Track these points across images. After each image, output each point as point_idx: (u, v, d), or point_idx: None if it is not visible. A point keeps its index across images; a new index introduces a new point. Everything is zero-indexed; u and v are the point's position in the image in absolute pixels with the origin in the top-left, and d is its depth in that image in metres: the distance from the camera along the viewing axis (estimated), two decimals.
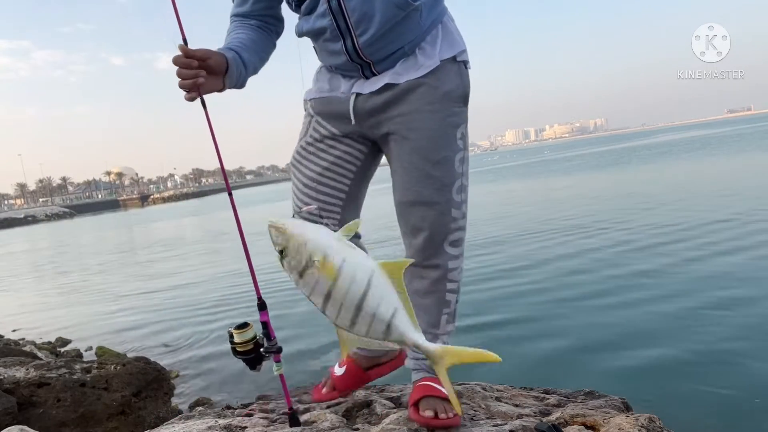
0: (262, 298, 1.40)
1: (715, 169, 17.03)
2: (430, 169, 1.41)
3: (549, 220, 9.92)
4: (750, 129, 51.30)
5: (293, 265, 0.93)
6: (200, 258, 12.25)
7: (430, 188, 1.42)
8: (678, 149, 32.41)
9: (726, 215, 7.95)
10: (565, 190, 16.63)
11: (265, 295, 1.43)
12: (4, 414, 2.81)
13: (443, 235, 1.46)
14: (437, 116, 1.40)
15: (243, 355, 1.35)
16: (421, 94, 1.40)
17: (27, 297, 10.25)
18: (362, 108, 1.45)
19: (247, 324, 1.35)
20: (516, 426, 1.39)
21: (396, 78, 1.40)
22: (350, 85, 1.47)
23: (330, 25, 1.35)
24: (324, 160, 1.53)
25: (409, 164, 1.43)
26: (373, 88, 1.42)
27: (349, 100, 1.45)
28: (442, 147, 1.42)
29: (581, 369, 3.50)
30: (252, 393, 3.69)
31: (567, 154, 54.91)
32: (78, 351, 5.77)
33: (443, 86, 1.41)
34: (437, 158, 1.41)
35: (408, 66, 1.41)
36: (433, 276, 1.49)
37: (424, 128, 1.40)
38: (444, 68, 1.41)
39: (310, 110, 1.58)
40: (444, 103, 1.41)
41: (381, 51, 1.38)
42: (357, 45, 1.36)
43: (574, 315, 4.52)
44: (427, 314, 1.51)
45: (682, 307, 4.34)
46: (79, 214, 76.15)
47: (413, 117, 1.40)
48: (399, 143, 1.44)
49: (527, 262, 6.65)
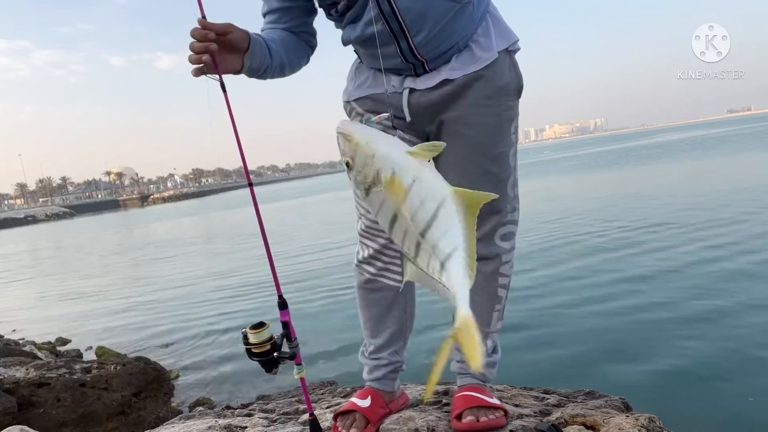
0: (283, 296, 1.33)
1: (715, 169, 17.04)
2: (487, 165, 1.38)
3: (557, 220, 9.92)
4: (751, 129, 51.27)
5: (359, 179, 0.83)
6: (200, 258, 12.25)
7: (487, 184, 1.36)
8: (677, 149, 32.39)
9: (728, 214, 7.96)
10: (564, 189, 16.64)
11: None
12: (4, 414, 2.81)
13: (494, 229, 1.42)
14: (494, 111, 1.36)
15: (259, 357, 1.26)
16: (479, 89, 1.35)
17: (27, 297, 10.25)
18: (417, 104, 1.38)
19: (263, 323, 1.27)
20: (516, 426, 1.39)
21: (453, 73, 1.35)
22: (400, 80, 1.39)
23: (383, 30, 1.29)
24: None
25: (465, 160, 1.38)
26: (428, 84, 1.36)
27: (403, 96, 1.38)
28: (499, 143, 1.38)
29: (581, 369, 3.50)
30: (252, 393, 3.69)
31: (567, 154, 54.92)
32: (78, 351, 5.77)
33: (500, 79, 1.36)
34: (494, 154, 1.37)
35: (464, 60, 1.35)
36: (486, 270, 1.43)
37: (482, 123, 1.36)
38: (499, 60, 1.36)
39: (357, 109, 1.47)
40: (501, 98, 1.37)
41: (436, 49, 1.32)
42: (412, 45, 1.30)
43: (575, 315, 4.52)
44: (477, 312, 1.46)
45: (682, 308, 4.34)
46: (79, 214, 76.14)
47: (471, 112, 1.36)
48: (455, 138, 1.37)
49: (529, 262, 6.66)
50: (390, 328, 1.54)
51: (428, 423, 1.46)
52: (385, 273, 1.50)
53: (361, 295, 1.56)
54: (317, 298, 6.26)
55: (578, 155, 47.69)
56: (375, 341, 1.56)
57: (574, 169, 27.69)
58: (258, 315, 5.93)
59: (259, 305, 6.37)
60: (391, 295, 1.51)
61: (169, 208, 59.71)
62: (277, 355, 1.26)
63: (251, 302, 6.69)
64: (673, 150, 32.36)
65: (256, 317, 1.37)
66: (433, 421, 1.47)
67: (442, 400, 1.67)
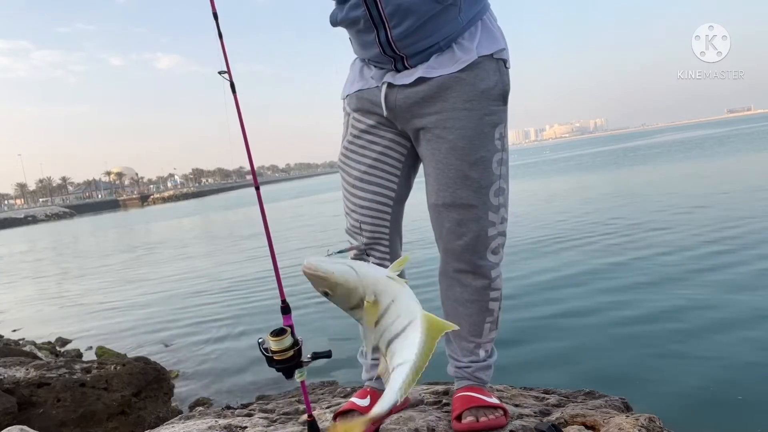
0: (286, 300, 1.30)
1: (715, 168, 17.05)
2: (467, 170, 1.35)
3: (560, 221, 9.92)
4: (751, 129, 51.27)
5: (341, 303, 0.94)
6: (200, 258, 12.25)
7: (466, 190, 1.36)
8: (675, 149, 32.41)
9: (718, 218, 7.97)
10: (561, 189, 16.64)
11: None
12: (4, 414, 2.81)
13: (485, 243, 1.40)
14: (474, 114, 1.34)
15: (281, 364, 1.20)
16: (458, 91, 1.34)
17: (27, 297, 10.25)
18: (395, 100, 1.39)
19: (285, 330, 1.21)
20: (516, 426, 1.39)
21: (429, 71, 1.34)
22: (381, 74, 1.41)
23: (363, 15, 1.30)
24: (367, 156, 1.46)
25: (444, 165, 1.37)
26: (406, 80, 1.36)
27: (381, 90, 1.39)
28: (479, 147, 1.35)
29: (582, 369, 3.50)
30: (252, 393, 3.69)
31: (568, 154, 54.91)
32: (78, 351, 5.78)
33: (481, 83, 1.34)
34: (474, 158, 1.35)
35: (443, 60, 1.35)
36: (477, 285, 1.44)
37: (461, 127, 1.34)
38: (482, 64, 1.35)
39: (347, 108, 1.52)
40: (482, 101, 1.34)
41: (415, 45, 1.32)
42: (390, 37, 1.31)
43: (576, 315, 4.52)
44: (469, 323, 1.45)
45: (683, 308, 4.34)
46: (79, 214, 76.21)
47: (450, 115, 1.35)
48: (434, 142, 1.37)
49: (529, 262, 6.66)
50: None
51: (428, 423, 1.46)
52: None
53: None
54: (317, 296, 6.25)
55: (579, 155, 47.68)
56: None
57: (577, 168, 27.70)
58: (258, 315, 5.94)
59: (260, 305, 6.37)
60: None
61: (169, 208, 59.73)
62: (308, 359, 1.23)
63: (251, 302, 6.69)
64: (674, 149, 32.37)
65: (256, 317, 1.37)
66: (433, 421, 1.47)
67: (442, 400, 1.67)
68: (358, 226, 1.49)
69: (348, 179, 1.49)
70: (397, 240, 1.54)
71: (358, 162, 1.47)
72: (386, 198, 1.48)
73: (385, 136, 1.46)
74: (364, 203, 1.47)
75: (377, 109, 1.42)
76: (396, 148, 1.47)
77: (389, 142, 1.46)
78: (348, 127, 1.51)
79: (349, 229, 1.53)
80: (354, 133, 1.48)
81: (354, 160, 1.48)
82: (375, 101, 1.42)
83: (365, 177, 1.47)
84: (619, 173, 20.84)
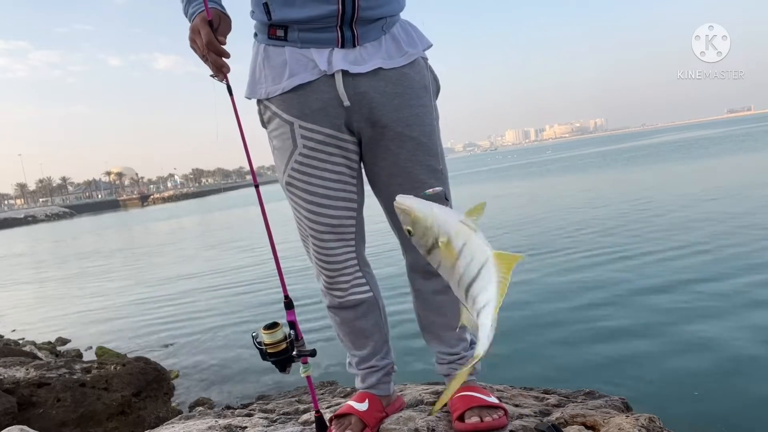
0: (289, 296, 1.30)
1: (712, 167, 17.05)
2: (434, 164, 1.36)
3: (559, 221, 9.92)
4: (750, 129, 51.25)
5: (420, 243, 0.98)
6: (200, 257, 12.25)
7: (437, 181, 1.36)
8: (675, 149, 32.43)
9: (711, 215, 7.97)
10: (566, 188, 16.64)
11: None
12: (4, 414, 2.81)
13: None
14: (428, 111, 1.36)
15: (274, 357, 1.24)
16: (411, 87, 1.33)
17: (27, 297, 10.25)
18: (353, 90, 1.27)
19: (277, 324, 1.26)
20: (516, 426, 1.39)
21: (387, 63, 1.30)
22: (326, 56, 1.26)
23: None
24: (330, 171, 1.33)
25: (412, 161, 1.34)
26: (361, 69, 1.27)
27: (336, 79, 1.26)
28: (437, 142, 1.39)
29: (581, 369, 3.50)
30: (252, 393, 3.69)
31: (569, 154, 54.92)
32: (78, 351, 5.78)
33: (423, 79, 1.36)
34: (436, 152, 1.37)
35: (391, 50, 1.32)
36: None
37: (422, 124, 1.34)
38: (419, 62, 1.36)
39: (281, 115, 1.31)
40: (430, 98, 1.37)
41: (372, 11, 1.26)
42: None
43: (576, 316, 4.52)
44: (451, 309, 1.38)
45: (683, 308, 4.35)
46: (79, 214, 76.20)
47: (410, 113, 1.33)
48: (399, 141, 1.33)
49: (530, 261, 6.66)
50: (372, 336, 1.50)
51: (428, 423, 1.46)
52: (353, 290, 1.45)
53: (334, 314, 1.51)
54: (316, 295, 6.25)
55: (580, 155, 47.68)
56: (360, 352, 1.52)
57: (584, 167, 27.70)
58: (258, 315, 5.93)
59: (260, 305, 6.35)
60: (364, 306, 1.47)
61: (169, 208, 59.72)
62: (297, 353, 1.27)
63: (251, 302, 6.68)
64: (674, 149, 32.37)
65: (256, 317, 1.38)
66: (433, 421, 1.47)
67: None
68: (324, 255, 1.40)
69: (310, 198, 1.34)
70: (363, 249, 1.49)
71: (321, 178, 1.33)
72: (352, 211, 1.39)
73: (342, 145, 1.33)
74: (333, 221, 1.36)
75: (330, 106, 1.28)
76: (352, 154, 1.36)
77: (347, 150, 1.34)
78: (296, 139, 1.31)
79: (316, 259, 1.42)
80: (309, 146, 1.31)
81: (315, 176, 1.32)
82: (328, 96, 1.27)
83: (331, 193, 1.34)
84: (655, 169, 20.78)
